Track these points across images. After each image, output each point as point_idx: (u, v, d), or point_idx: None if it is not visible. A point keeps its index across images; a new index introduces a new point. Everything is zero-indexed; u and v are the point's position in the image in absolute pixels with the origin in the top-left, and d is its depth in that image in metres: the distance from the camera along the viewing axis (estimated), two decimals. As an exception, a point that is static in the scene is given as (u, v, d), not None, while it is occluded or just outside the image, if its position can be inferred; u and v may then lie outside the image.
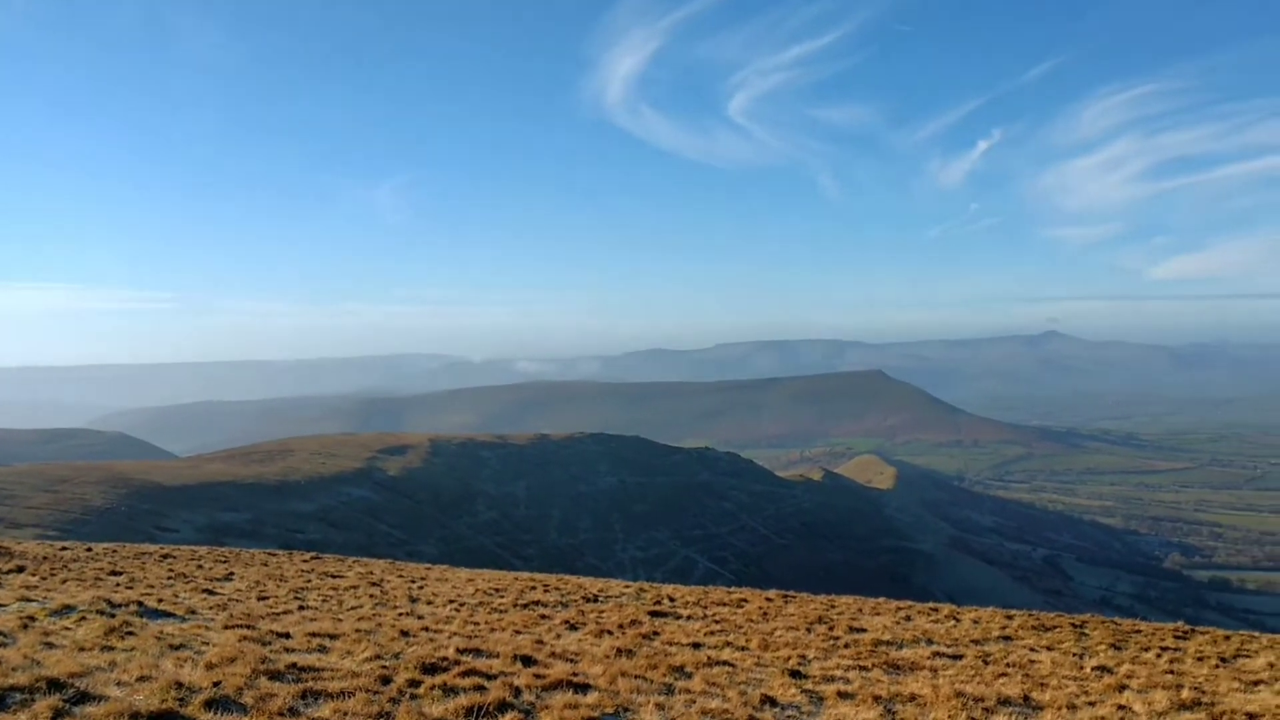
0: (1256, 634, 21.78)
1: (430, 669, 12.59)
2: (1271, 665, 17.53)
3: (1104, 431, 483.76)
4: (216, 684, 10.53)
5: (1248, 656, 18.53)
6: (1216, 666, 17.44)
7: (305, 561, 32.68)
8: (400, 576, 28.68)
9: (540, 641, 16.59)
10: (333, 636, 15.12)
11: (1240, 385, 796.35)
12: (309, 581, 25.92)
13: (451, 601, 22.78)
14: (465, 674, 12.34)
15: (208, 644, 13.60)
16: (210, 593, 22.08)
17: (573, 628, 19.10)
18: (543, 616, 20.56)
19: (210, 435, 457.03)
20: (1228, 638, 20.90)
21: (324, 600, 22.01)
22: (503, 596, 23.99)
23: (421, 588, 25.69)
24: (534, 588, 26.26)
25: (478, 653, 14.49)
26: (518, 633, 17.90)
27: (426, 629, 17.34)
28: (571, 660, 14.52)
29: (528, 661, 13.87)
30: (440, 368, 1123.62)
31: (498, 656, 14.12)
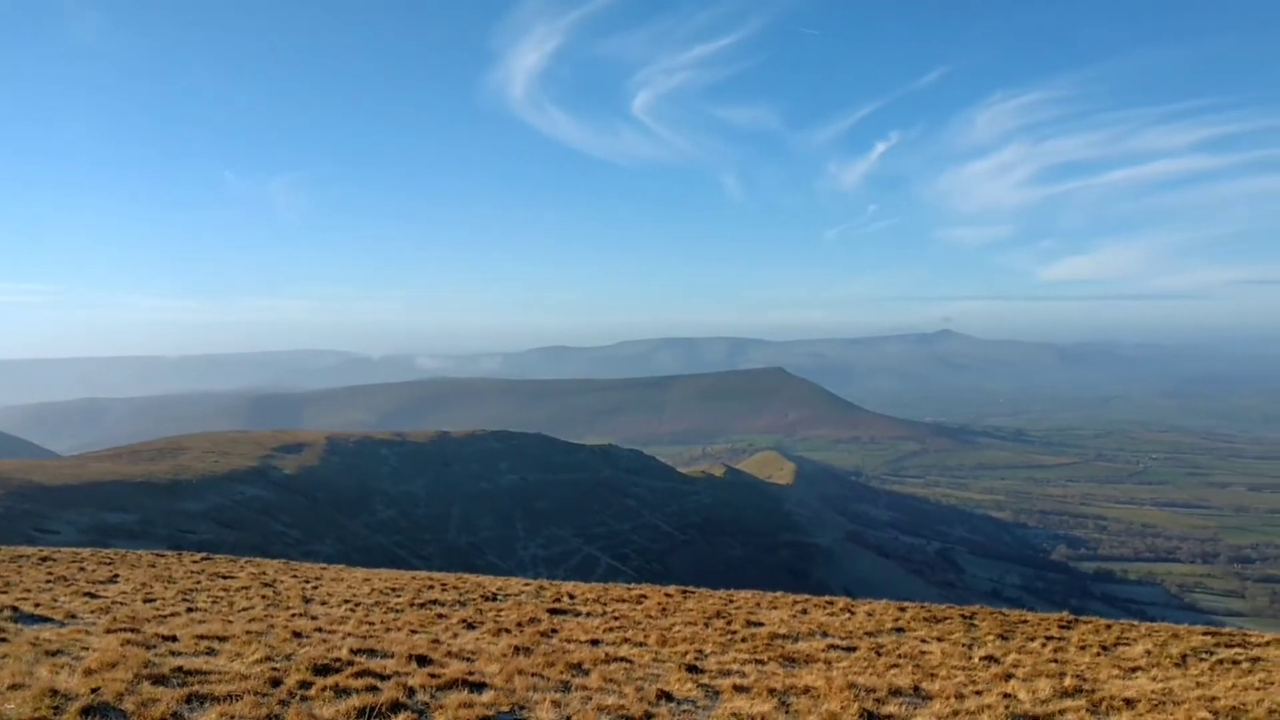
0: (1136, 623, 22.61)
1: (323, 670, 12.36)
2: (1149, 652, 18.21)
3: (995, 428, 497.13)
4: (95, 690, 10.17)
5: (1127, 644, 19.22)
6: (1098, 654, 18.06)
7: (195, 562, 31.80)
8: (294, 577, 28.11)
9: (437, 641, 16.41)
10: (222, 639, 14.73)
11: (1124, 383, 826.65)
12: (199, 583, 25.24)
13: (347, 602, 22.40)
14: (358, 674, 12.14)
15: (88, 649, 13.13)
16: (92, 596, 21.34)
17: (470, 626, 18.95)
18: (440, 616, 20.35)
19: (93, 433, 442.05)
20: (1109, 626, 21.63)
21: (214, 602, 21.45)
22: (399, 596, 23.68)
23: (316, 588, 25.22)
24: (432, 587, 25.99)
25: (372, 653, 14.28)
26: (414, 632, 17.69)
27: (320, 630, 17.01)
28: (468, 659, 14.40)
29: (423, 661, 13.70)
30: (338, 364, 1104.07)
31: (392, 656, 13.93)
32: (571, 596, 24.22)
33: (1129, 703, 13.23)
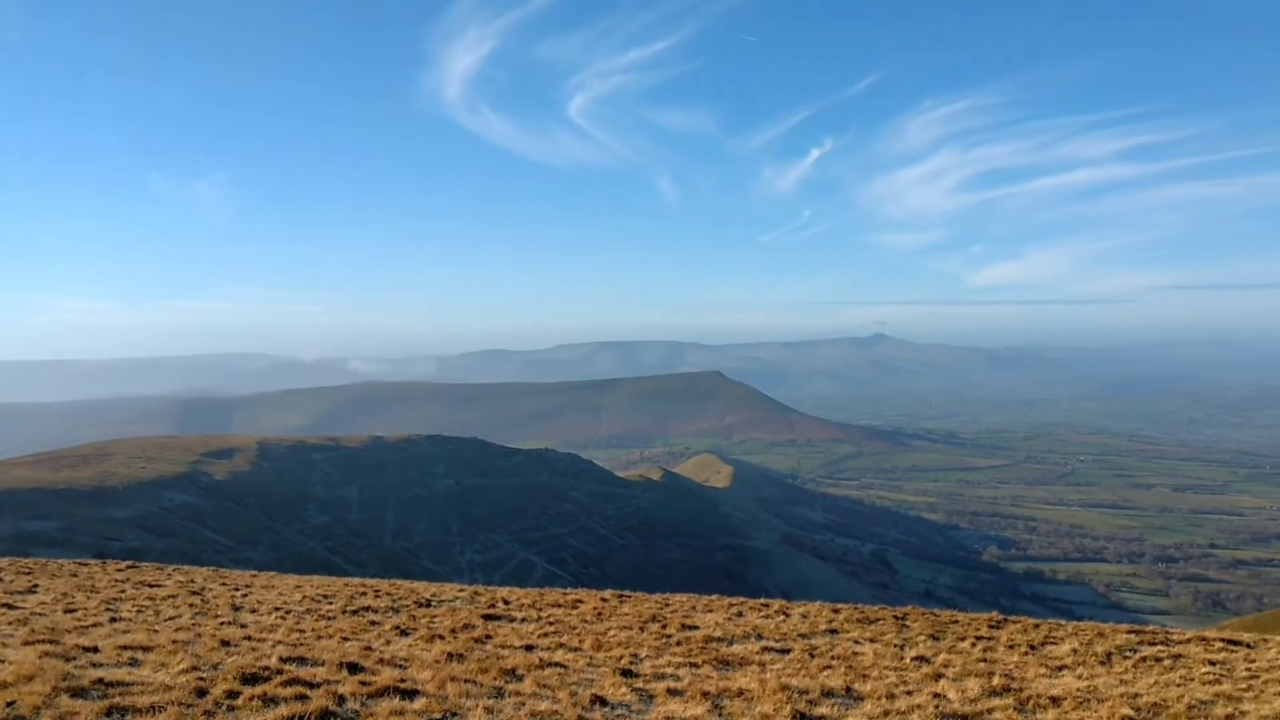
0: (1063, 622, 23.03)
1: (251, 679, 12.15)
2: (1075, 651, 18.57)
3: (928, 430, 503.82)
4: (10, 704, 9.89)
5: (1054, 643, 19.58)
6: (1026, 653, 18.38)
7: (120, 571, 31.08)
8: (223, 584, 27.60)
9: (369, 648, 16.22)
10: (147, 649, 14.42)
11: (1051, 386, 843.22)
12: (123, 592, 24.67)
13: (278, 609, 22.05)
14: (288, 683, 11.95)
15: (3, 662, 12.76)
16: (9, 607, 20.75)
17: (404, 633, 18.76)
18: (373, 623, 20.12)
19: (12, 440, 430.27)
20: (1037, 626, 22.01)
21: (139, 611, 20.98)
22: (332, 603, 23.36)
23: (246, 595, 24.78)
24: (365, 593, 25.68)
25: (302, 661, 14.07)
26: (346, 640, 17.46)
27: (249, 638, 16.73)
28: (401, 666, 14.26)
29: (354, 669, 13.54)
30: (269, 368, 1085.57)
31: (323, 664, 13.74)
32: (506, 602, 24.07)
33: (1055, 700, 13.49)
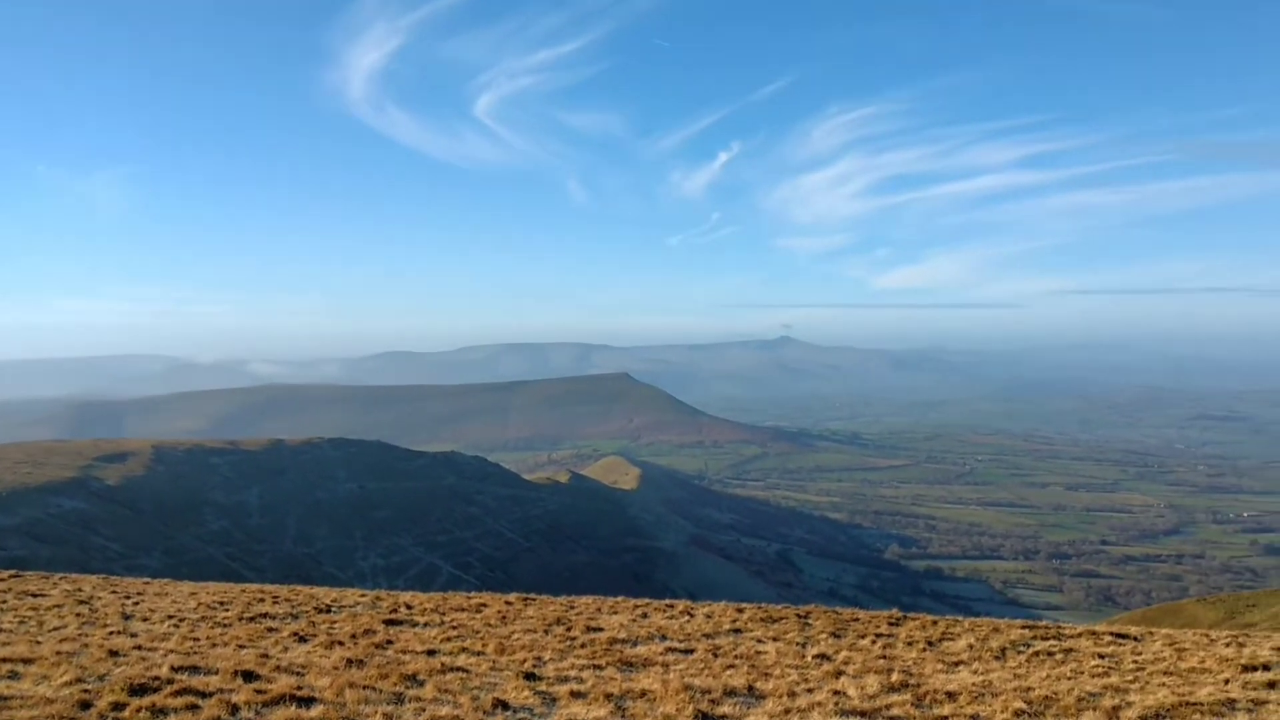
0: (960, 618, 23.54)
1: (139, 690, 11.78)
2: (971, 646, 19.01)
3: (832, 431, 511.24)
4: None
5: (951, 639, 20.01)
6: (924, 650, 18.75)
7: (2, 581, 29.87)
8: (114, 593, 26.69)
9: (265, 655, 15.85)
10: (28, 660, 13.87)
11: (951, 388, 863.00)
12: (4, 602, 23.69)
13: (171, 617, 21.40)
14: (179, 693, 11.61)
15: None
16: (-116, 619, 19.80)
17: (302, 640, 18.38)
18: (270, 629, 19.66)
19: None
20: (935, 622, 22.47)
21: (21, 622, 20.16)
22: (228, 610, 22.76)
23: (138, 604, 24.00)
24: (263, 599, 25.09)
25: (195, 670, 13.69)
26: (241, 647, 17.03)
27: (140, 648, 16.21)
28: (298, 673, 13.96)
29: (250, 677, 13.21)
30: (165, 370, 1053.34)
31: (217, 673, 13.39)
32: (409, 607, 23.74)
33: (951, 695, 13.77)
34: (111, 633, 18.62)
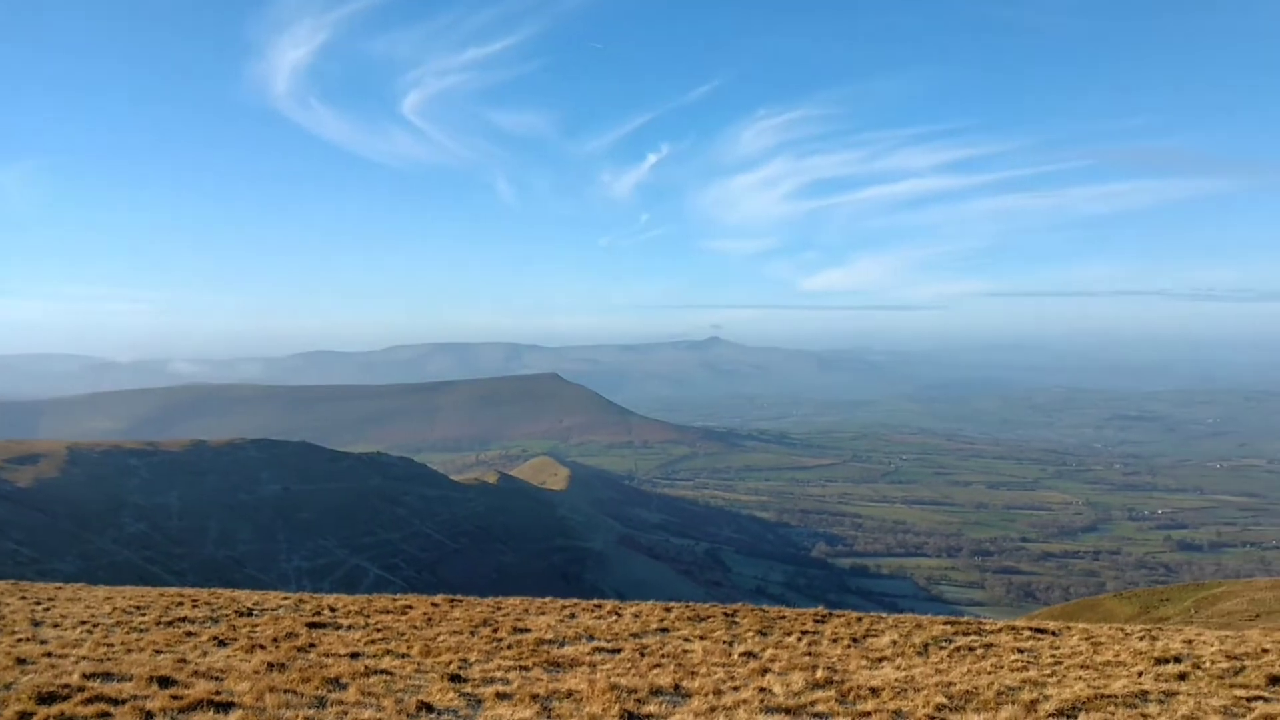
0: (884, 615, 23.85)
1: (48, 698, 11.42)
2: (895, 643, 19.27)
3: (761, 431, 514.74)
4: None
5: (875, 636, 20.27)
6: (848, 646, 18.96)
7: (-93, 587, 28.84)
8: (23, 599, 25.90)
9: (183, 660, 15.49)
10: (-70, 670, 13.38)
11: (876, 388, 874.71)
12: (-91, 609, 22.87)
13: (84, 623, 20.81)
14: (90, 700, 11.29)
15: None
16: None
17: (222, 644, 18.00)
18: (189, 634, 19.23)
19: None
20: (860, 619, 22.73)
21: (-74, 630, 19.46)
22: (145, 615, 22.21)
23: (48, 609, 23.31)
24: (181, 603, 24.54)
25: (108, 677, 13.32)
26: (158, 652, 16.62)
27: (50, 654, 15.74)
28: (216, 678, 13.66)
29: (166, 683, 12.90)
30: (80, 369, 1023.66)
31: (131, 679, 13.04)
32: (333, 609, 23.41)
33: (874, 691, 13.94)
34: (19, 640, 18.03)
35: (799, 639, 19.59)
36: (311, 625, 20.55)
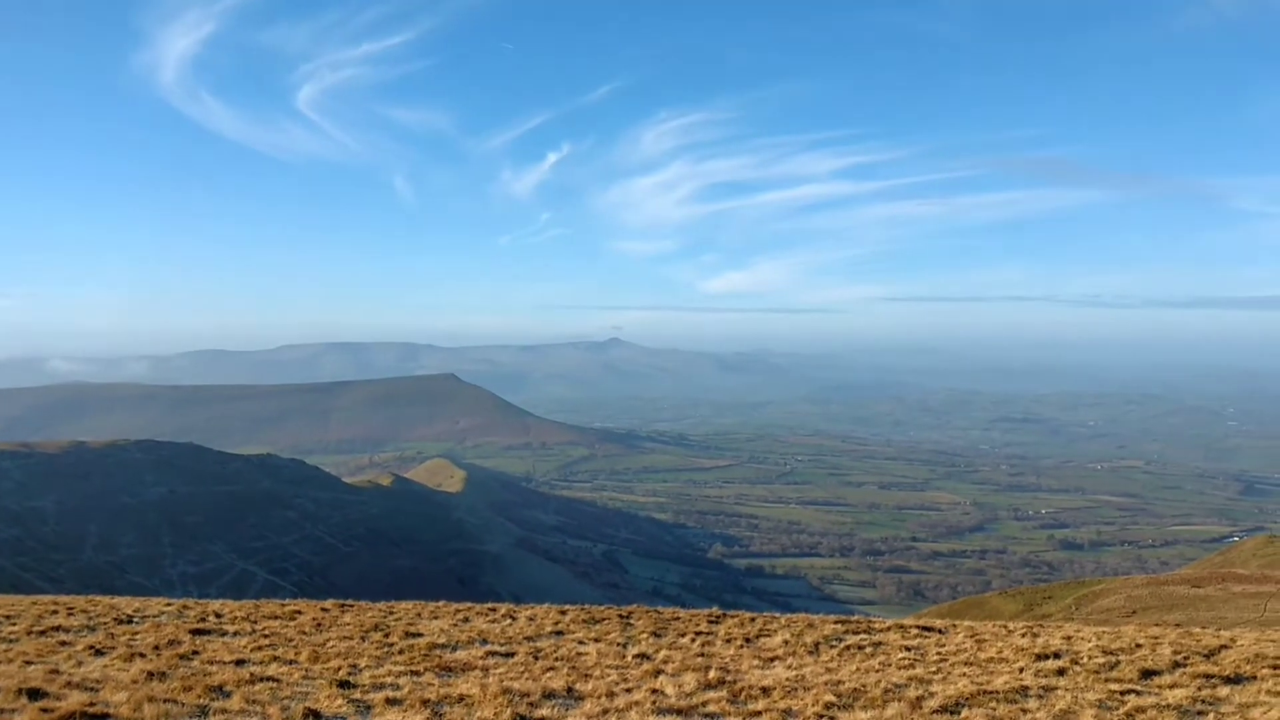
0: (778, 615, 24.17)
1: (-94, 714, 10.88)
2: (787, 642, 19.54)
3: (660, 433, 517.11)
4: None
5: (768, 635, 20.52)
6: (741, 646, 19.16)
7: None
8: (-115, 608, 24.63)
9: (56, 671, 14.89)
10: None
11: (775, 389, 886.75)
12: None
13: (-51, 633, 19.87)
14: (-48, 716, 10.78)
15: None
16: None
17: (99, 653, 17.36)
18: (63, 643, 18.50)
19: None
20: (753, 619, 22.99)
21: None
22: (15, 624, 21.29)
23: (-88, 620, 22.21)
24: (56, 611, 23.60)
25: (-27, 690, 12.72)
26: (29, 663, 15.94)
27: (-91, 668, 14.98)
28: (92, 689, 13.18)
29: (36, 695, 12.40)
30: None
31: (-2, 692, 12.48)
32: (219, 615, 22.79)
33: (766, 691, 14.13)
34: (-120, 651, 17.16)
35: (693, 640, 19.73)
36: (195, 632, 19.97)
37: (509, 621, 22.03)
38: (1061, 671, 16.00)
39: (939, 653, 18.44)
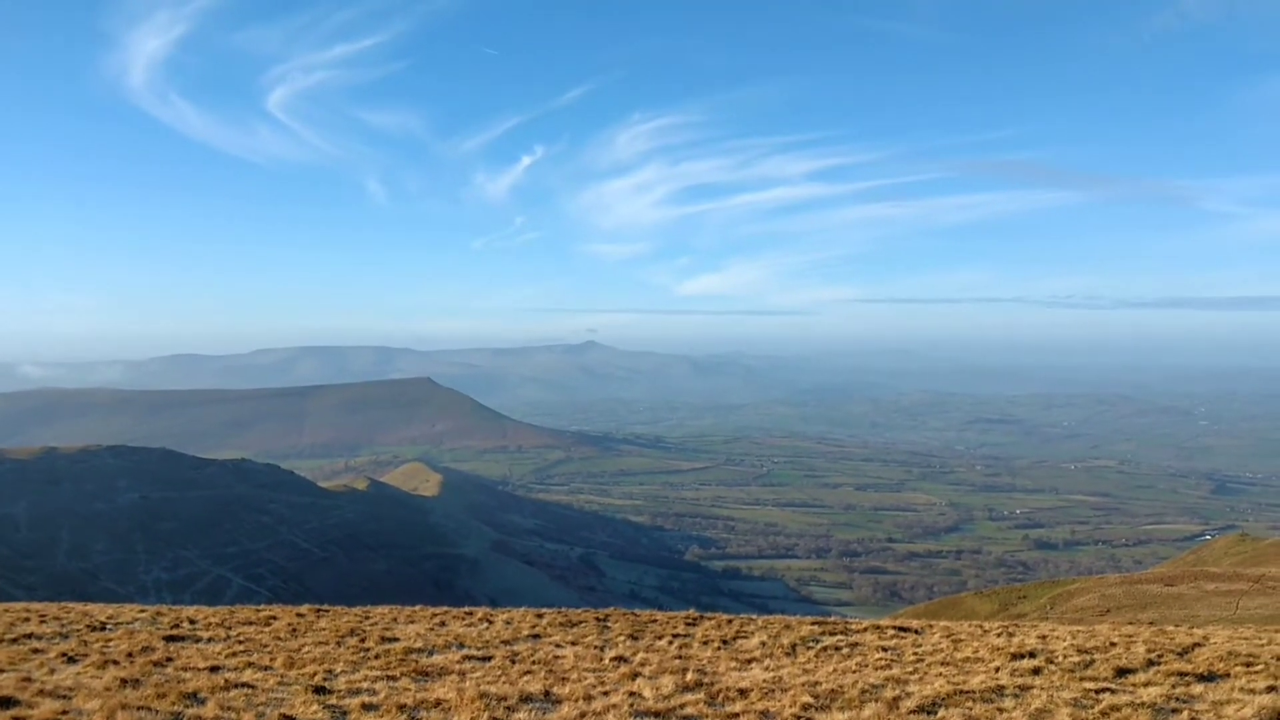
0: (754, 616, 24.20)
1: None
2: (764, 644, 19.58)
3: (636, 435, 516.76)
4: None
5: (745, 637, 20.56)
6: (719, 648, 19.19)
7: None
8: None
9: (28, 679, 14.75)
10: None
11: (750, 391, 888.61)
12: None
13: (-81, 642, 19.64)
14: (-78, 725, 10.66)
15: None
16: None
17: (72, 660, 17.21)
18: (35, 650, 18.31)
19: None
20: (730, 621, 23.02)
21: None
22: (-13, 632, 21.07)
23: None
24: (28, 618, 23.36)
25: (-56, 699, 12.60)
26: (0, 671, 15.79)
27: (-121, 677, 14.80)
28: (65, 697, 13.07)
29: (8, 703, 12.30)
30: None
31: (-31, 701, 12.37)
32: (193, 621, 22.60)
33: (743, 692, 14.16)
34: None
35: (670, 642, 19.74)
36: (169, 639, 19.81)
37: (486, 625, 21.97)
38: (1037, 670, 16.12)
39: (915, 653, 18.54)
